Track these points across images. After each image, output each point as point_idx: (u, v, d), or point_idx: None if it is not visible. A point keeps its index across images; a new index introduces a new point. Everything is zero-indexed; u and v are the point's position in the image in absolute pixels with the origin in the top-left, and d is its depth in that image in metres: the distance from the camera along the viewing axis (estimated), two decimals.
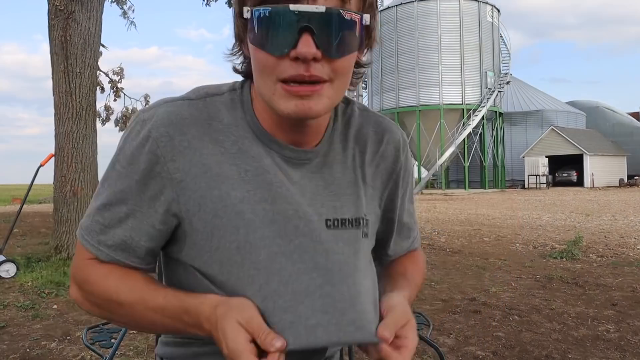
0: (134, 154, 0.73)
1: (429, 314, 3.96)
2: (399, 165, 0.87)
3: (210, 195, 0.73)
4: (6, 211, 16.24)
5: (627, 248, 7.26)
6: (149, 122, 0.74)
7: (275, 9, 0.64)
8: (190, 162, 0.73)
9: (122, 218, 0.74)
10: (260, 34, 0.66)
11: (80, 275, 0.77)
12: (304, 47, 0.63)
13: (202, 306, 0.69)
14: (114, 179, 0.75)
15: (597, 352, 3.14)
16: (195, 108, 0.75)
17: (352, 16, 0.65)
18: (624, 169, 37.69)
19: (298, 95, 0.66)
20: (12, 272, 5.33)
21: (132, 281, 0.75)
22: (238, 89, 0.79)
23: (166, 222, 0.75)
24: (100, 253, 0.75)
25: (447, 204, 18.76)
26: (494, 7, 35.87)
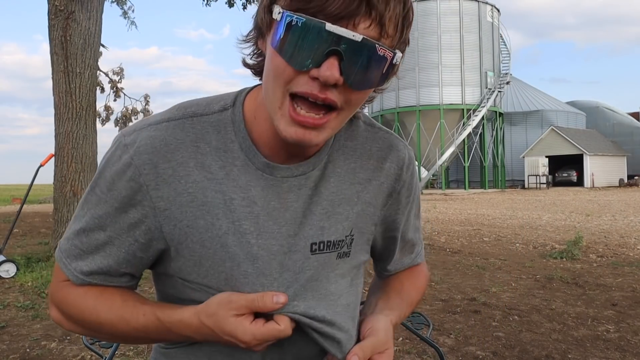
0: (114, 180, 0.70)
1: (429, 314, 3.96)
2: (400, 183, 0.83)
3: (196, 225, 0.70)
4: (6, 211, 16.24)
5: (627, 248, 7.26)
6: (131, 147, 0.70)
7: (310, 22, 0.59)
8: (175, 191, 0.69)
9: (100, 245, 0.72)
10: (285, 42, 0.61)
11: (58, 297, 0.76)
12: (328, 71, 0.60)
13: (182, 326, 0.70)
14: (94, 204, 0.72)
15: (597, 352, 3.14)
16: (180, 130, 0.71)
17: (385, 52, 0.62)
18: (624, 169, 37.69)
19: (301, 125, 0.63)
20: (12, 272, 5.33)
21: (110, 301, 0.74)
22: (230, 108, 0.74)
23: (148, 250, 0.73)
24: (76, 279, 0.74)
25: (447, 204, 18.76)
26: (494, 7, 35.86)
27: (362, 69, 0.62)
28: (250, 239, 0.71)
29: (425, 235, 8.94)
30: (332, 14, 0.58)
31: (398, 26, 0.63)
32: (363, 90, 0.64)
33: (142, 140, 0.70)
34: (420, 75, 34.08)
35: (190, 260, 0.72)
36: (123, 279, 0.76)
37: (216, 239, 0.70)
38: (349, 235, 0.77)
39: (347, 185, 0.77)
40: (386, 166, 0.81)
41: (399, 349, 3.22)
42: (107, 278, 0.75)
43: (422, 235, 0.97)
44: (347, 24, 0.59)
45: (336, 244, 0.76)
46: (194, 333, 0.70)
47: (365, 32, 0.60)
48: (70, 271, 0.74)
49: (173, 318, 0.70)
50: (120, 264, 0.73)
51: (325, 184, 0.76)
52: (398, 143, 0.84)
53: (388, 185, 0.81)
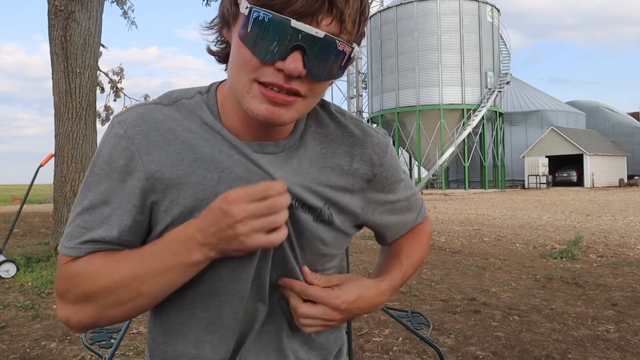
0: (111, 154, 0.75)
1: (429, 314, 3.96)
2: (382, 168, 0.85)
3: (188, 181, 0.74)
4: (6, 211, 16.24)
5: (627, 248, 7.26)
6: (124, 123, 0.76)
7: (276, 18, 0.63)
8: (165, 153, 0.74)
9: (104, 218, 0.74)
10: (252, 35, 0.65)
11: (61, 280, 0.75)
12: (292, 64, 0.65)
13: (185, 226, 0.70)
14: (94, 183, 0.76)
15: (597, 352, 3.14)
16: (167, 110, 0.77)
17: (344, 47, 0.67)
18: (624, 169, 37.69)
19: (272, 101, 0.68)
20: (12, 272, 5.33)
21: (114, 253, 0.75)
22: (204, 93, 0.80)
23: (144, 213, 0.76)
24: (79, 252, 0.74)
25: (447, 204, 18.76)
26: (494, 7, 35.85)
27: (324, 63, 0.67)
28: (242, 183, 0.73)
29: None
30: (296, 11, 0.63)
31: (356, 22, 0.68)
32: (324, 81, 0.70)
33: (133, 116, 0.76)
34: (420, 75, 34.07)
35: (179, 219, 0.74)
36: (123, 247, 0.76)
37: (209, 190, 0.74)
38: (325, 206, 0.80)
39: (317, 168, 0.80)
40: (358, 152, 0.83)
41: (399, 349, 3.22)
42: (108, 246, 0.75)
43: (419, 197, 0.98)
44: (311, 20, 0.64)
45: (312, 209, 0.79)
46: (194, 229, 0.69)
47: (327, 28, 0.65)
48: (71, 248, 0.74)
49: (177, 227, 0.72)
50: (122, 232, 0.75)
51: (298, 163, 0.79)
52: (370, 130, 0.86)
53: (365, 170, 0.84)
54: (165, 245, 0.71)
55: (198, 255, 0.69)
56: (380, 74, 36.58)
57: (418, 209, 0.98)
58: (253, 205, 0.66)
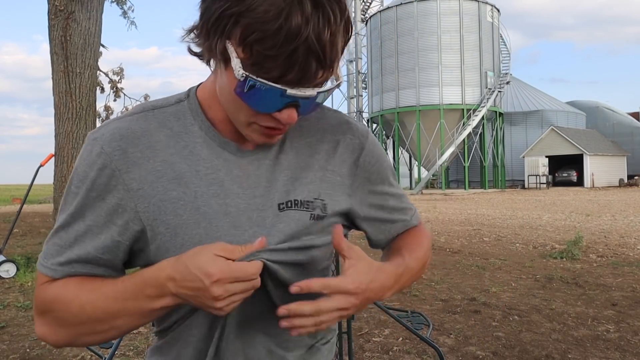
0: (87, 171, 0.75)
1: (429, 314, 3.96)
2: (364, 152, 0.87)
3: (168, 197, 0.75)
4: (6, 211, 16.24)
5: (627, 248, 7.26)
6: (100, 139, 0.76)
7: (273, 89, 0.66)
8: (145, 170, 0.75)
9: (79, 235, 0.75)
10: (248, 95, 0.68)
11: (39, 300, 0.76)
12: (289, 118, 0.70)
13: (159, 268, 0.70)
14: (70, 201, 0.76)
15: (597, 352, 3.14)
16: (144, 120, 0.78)
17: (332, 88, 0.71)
18: (624, 169, 37.67)
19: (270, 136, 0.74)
20: (12, 272, 5.33)
21: (89, 282, 0.74)
22: (184, 99, 0.81)
23: (125, 233, 0.76)
24: (54, 272, 0.75)
25: (447, 204, 18.76)
26: (494, 7, 35.84)
27: (313, 104, 0.71)
28: (218, 199, 0.76)
29: None
30: (291, 81, 0.66)
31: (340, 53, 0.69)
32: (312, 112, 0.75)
33: (109, 131, 0.76)
34: (420, 75, 34.06)
35: (165, 235, 0.75)
36: (101, 269, 0.77)
37: (189, 205, 0.75)
38: (319, 199, 0.81)
39: (306, 156, 0.83)
40: (341, 138, 0.86)
41: (399, 349, 3.22)
42: (86, 266, 0.75)
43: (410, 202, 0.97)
44: (306, 83, 0.67)
45: (305, 203, 0.80)
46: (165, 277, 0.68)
47: (319, 80, 0.68)
48: (48, 267, 0.75)
49: (151, 267, 0.72)
50: (98, 250, 0.75)
51: (285, 156, 0.82)
52: (349, 119, 0.90)
53: (349, 156, 0.86)
54: (139, 288, 0.71)
55: (169, 301, 0.70)
56: (380, 74, 36.57)
57: (411, 213, 0.97)
58: (234, 285, 0.66)
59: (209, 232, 0.75)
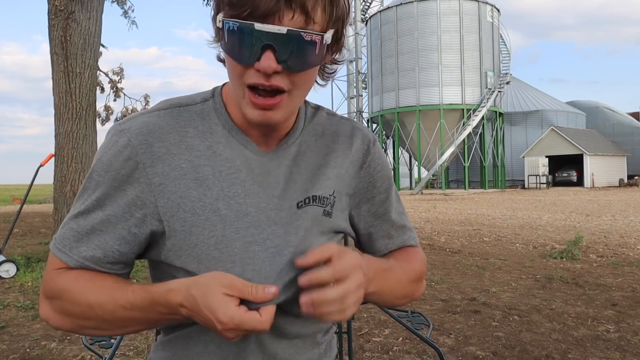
0: (112, 162, 0.76)
1: (429, 314, 3.96)
2: (369, 156, 0.90)
3: (188, 196, 0.77)
4: (6, 211, 16.24)
5: (627, 248, 7.26)
6: (127, 132, 0.77)
7: (242, 25, 0.68)
8: (169, 167, 0.77)
9: (97, 224, 0.76)
10: (229, 44, 0.71)
11: (49, 285, 0.78)
12: (265, 62, 0.69)
13: (171, 294, 0.71)
14: (92, 189, 0.77)
15: (597, 352, 3.14)
16: (170, 117, 0.80)
17: (312, 37, 0.70)
18: (624, 169, 37.67)
19: (261, 107, 0.73)
20: (12, 272, 5.33)
21: (100, 281, 0.76)
22: (210, 99, 0.84)
23: (142, 226, 0.77)
24: (70, 260, 0.76)
25: (447, 204, 18.76)
26: (494, 7, 35.84)
27: (296, 55, 0.70)
28: (239, 199, 0.78)
29: (425, 235, 8.94)
30: (259, 14, 0.67)
31: (326, 9, 0.70)
32: (304, 71, 0.73)
33: (137, 125, 0.78)
34: (420, 75, 34.06)
35: (181, 233, 0.76)
36: (115, 263, 0.78)
37: (208, 207, 0.77)
38: (332, 195, 0.85)
39: (322, 155, 0.86)
40: (353, 141, 0.89)
41: (399, 349, 3.22)
42: (100, 261, 0.77)
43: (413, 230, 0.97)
44: (274, 19, 0.68)
45: (322, 199, 0.83)
46: (177, 304, 0.70)
47: (291, 23, 0.68)
48: (65, 254, 0.76)
49: (161, 288, 0.72)
50: (115, 241, 0.76)
51: (302, 157, 0.84)
52: (360, 125, 0.93)
53: (357, 159, 0.89)
54: (149, 303, 0.72)
55: (180, 318, 0.73)
56: (380, 74, 36.56)
57: (410, 234, 0.96)
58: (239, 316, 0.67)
59: (226, 234, 0.77)
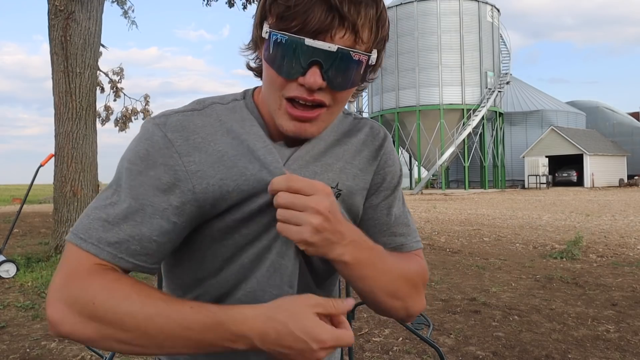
0: (148, 151, 0.75)
1: (429, 314, 3.96)
2: (381, 152, 0.90)
3: (230, 175, 0.76)
4: (6, 211, 16.24)
5: (627, 248, 7.26)
6: (163, 126, 0.77)
7: (292, 39, 0.68)
8: (205, 153, 0.76)
9: (129, 213, 0.71)
10: (273, 56, 0.71)
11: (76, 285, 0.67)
12: (311, 78, 0.69)
13: (247, 320, 0.66)
14: (126, 178, 0.74)
15: (597, 352, 3.14)
16: (204, 115, 0.80)
17: (360, 57, 0.71)
18: (624, 169, 37.66)
19: (297, 119, 0.73)
20: (12, 272, 5.32)
21: (147, 289, 0.68)
22: (241, 99, 0.84)
23: (181, 215, 0.74)
24: (100, 252, 0.69)
25: (447, 204, 18.76)
26: (494, 7, 35.83)
27: (341, 73, 0.71)
28: (278, 173, 0.77)
29: (425, 235, 8.94)
30: (311, 30, 0.68)
31: (372, 29, 0.72)
32: (346, 89, 0.74)
33: (173, 122, 0.78)
34: (420, 75, 34.05)
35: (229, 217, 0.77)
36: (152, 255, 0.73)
37: (251, 178, 0.76)
38: (335, 188, 0.83)
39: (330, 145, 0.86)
40: (363, 138, 0.89)
41: (399, 349, 3.22)
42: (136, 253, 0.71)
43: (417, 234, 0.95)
44: (325, 36, 0.68)
45: None
46: (254, 329, 0.65)
47: (341, 41, 0.69)
48: (93, 245, 0.69)
49: (232, 311, 0.67)
50: (152, 231, 0.72)
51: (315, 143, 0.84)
52: (372, 122, 0.94)
53: (369, 153, 0.89)
54: (212, 325, 0.66)
55: (241, 346, 0.67)
56: (380, 73, 35.60)
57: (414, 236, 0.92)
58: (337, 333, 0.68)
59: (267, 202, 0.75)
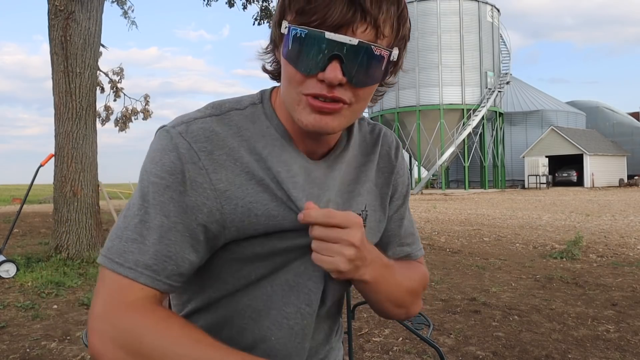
0: (175, 164, 0.71)
1: (429, 314, 3.96)
2: (396, 162, 0.91)
3: (260, 199, 0.74)
4: (6, 211, 16.24)
5: (627, 248, 7.26)
6: (186, 135, 0.73)
7: (312, 33, 0.67)
8: (232, 173, 0.74)
9: (163, 233, 0.70)
10: (293, 52, 0.69)
11: (120, 319, 0.65)
12: (332, 73, 0.67)
13: None
14: (153, 194, 0.71)
15: (597, 352, 3.14)
16: (224, 123, 0.77)
17: (381, 52, 0.69)
18: (624, 169, 37.67)
19: (318, 111, 0.71)
20: (12, 272, 5.32)
21: (198, 333, 0.66)
22: (258, 103, 0.81)
23: (208, 232, 0.73)
24: (139, 276, 0.68)
25: (447, 204, 18.76)
26: (494, 7, 35.83)
27: (363, 69, 0.68)
28: (300, 205, 0.76)
29: (425, 235, 8.94)
30: (332, 24, 0.66)
31: (394, 26, 0.70)
32: (367, 86, 0.72)
33: (195, 130, 0.74)
34: (420, 75, 34.05)
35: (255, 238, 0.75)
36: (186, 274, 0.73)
37: (282, 206, 0.75)
38: (364, 210, 0.85)
39: (352, 168, 0.86)
40: (378, 149, 0.90)
41: (399, 349, 3.22)
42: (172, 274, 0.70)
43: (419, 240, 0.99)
44: (347, 30, 0.67)
45: None
46: None
47: (362, 36, 0.67)
48: (132, 269, 0.68)
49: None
50: (185, 249, 0.71)
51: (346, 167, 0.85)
52: (386, 130, 0.93)
53: (384, 165, 0.90)
54: None
55: None
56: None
57: (419, 243, 0.98)
58: None
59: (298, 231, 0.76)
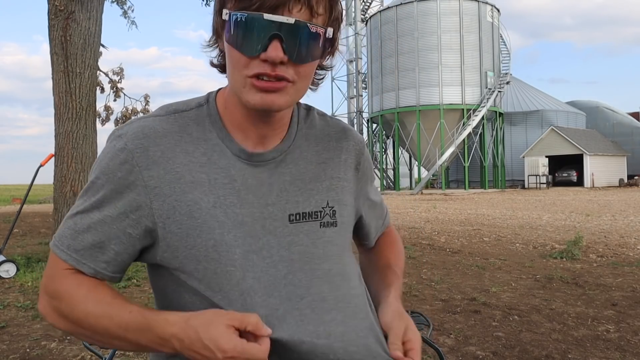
0: (110, 165, 0.79)
1: (429, 314, 3.96)
2: (362, 157, 0.98)
3: (184, 199, 0.79)
4: (6, 211, 16.24)
5: (627, 248, 7.26)
6: (124, 136, 0.80)
7: (251, 16, 0.72)
8: (164, 170, 0.79)
9: (93, 223, 0.79)
10: (235, 36, 0.74)
11: (52, 286, 0.81)
12: (273, 52, 0.72)
13: (167, 324, 0.73)
14: (91, 190, 0.81)
15: (597, 352, 3.14)
16: (166, 122, 0.83)
17: (317, 29, 0.74)
18: (624, 169, 37.66)
19: (264, 90, 0.75)
20: (12, 272, 5.32)
21: (101, 294, 0.78)
22: (204, 104, 0.86)
23: (137, 227, 0.80)
24: (68, 257, 0.80)
25: (447, 204, 18.76)
26: (493, 7, 35.82)
27: (302, 46, 0.74)
28: (235, 209, 0.81)
29: (425, 235, 8.94)
30: (269, 5, 0.71)
31: (327, 6, 0.75)
32: (307, 63, 0.76)
33: (133, 129, 0.81)
34: (420, 75, 34.04)
35: (177, 235, 0.79)
36: (110, 262, 0.80)
37: (205, 211, 0.79)
38: (327, 207, 0.88)
39: (313, 165, 0.90)
40: (345, 145, 0.95)
41: None
42: (96, 259, 0.80)
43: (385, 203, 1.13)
44: (283, 10, 0.72)
45: (313, 214, 0.87)
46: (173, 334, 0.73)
47: (298, 15, 0.72)
48: (64, 252, 0.80)
49: (159, 316, 0.75)
50: (111, 240, 0.79)
51: (296, 166, 0.88)
52: (349, 127, 1.00)
53: (352, 160, 0.95)
54: (143, 329, 0.75)
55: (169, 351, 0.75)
56: (380, 74, 36.54)
57: (386, 213, 1.12)
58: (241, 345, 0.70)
59: (225, 240, 0.79)
